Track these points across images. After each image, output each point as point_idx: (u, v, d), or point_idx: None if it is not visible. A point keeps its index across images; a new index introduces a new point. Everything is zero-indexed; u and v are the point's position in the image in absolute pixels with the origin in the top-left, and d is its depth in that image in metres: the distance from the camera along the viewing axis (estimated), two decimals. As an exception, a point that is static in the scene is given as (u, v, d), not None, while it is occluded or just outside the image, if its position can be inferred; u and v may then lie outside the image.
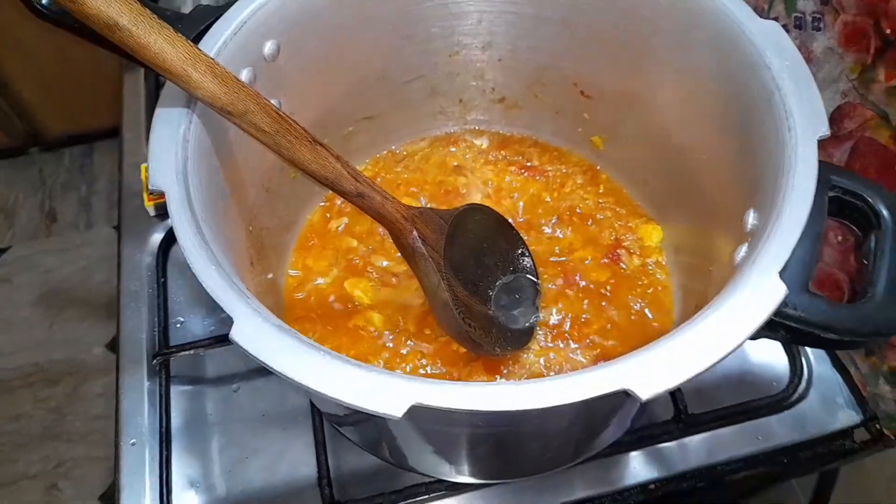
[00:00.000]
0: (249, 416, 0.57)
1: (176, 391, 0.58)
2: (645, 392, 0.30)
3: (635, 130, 0.55)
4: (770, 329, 0.36)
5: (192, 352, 0.58)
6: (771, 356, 0.60)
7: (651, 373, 0.30)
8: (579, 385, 0.30)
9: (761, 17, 0.57)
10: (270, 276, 0.52)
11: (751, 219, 0.39)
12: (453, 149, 0.62)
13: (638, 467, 0.55)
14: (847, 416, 0.57)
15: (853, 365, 0.57)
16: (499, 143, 0.62)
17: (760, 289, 0.32)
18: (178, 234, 0.35)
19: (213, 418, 0.57)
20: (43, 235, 1.59)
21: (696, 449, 0.55)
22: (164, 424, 0.55)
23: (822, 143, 0.56)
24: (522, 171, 0.61)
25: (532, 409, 0.29)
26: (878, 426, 0.55)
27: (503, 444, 0.45)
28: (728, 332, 0.31)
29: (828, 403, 0.57)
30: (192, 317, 0.62)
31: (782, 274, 0.34)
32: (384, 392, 0.30)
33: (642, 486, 0.54)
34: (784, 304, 0.34)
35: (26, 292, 1.47)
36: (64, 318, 1.44)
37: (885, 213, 0.38)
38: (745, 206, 0.40)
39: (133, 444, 0.56)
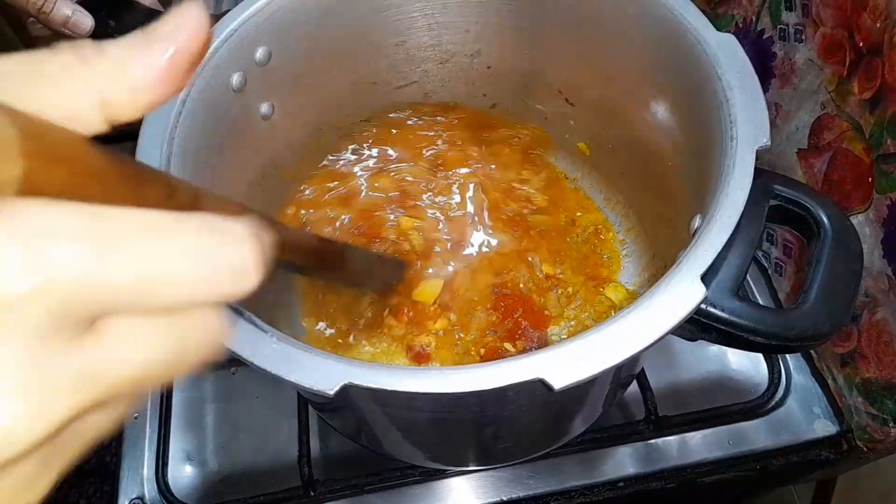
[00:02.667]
0: (244, 398, 0.61)
1: (179, 371, 0.62)
2: (558, 382, 0.32)
3: (616, 137, 0.57)
4: (703, 331, 0.37)
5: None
6: (751, 363, 0.60)
7: (566, 364, 0.32)
8: (496, 373, 0.32)
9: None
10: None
11: (696, 223, 0.40)
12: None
13: (608, 465, 0.56)
14: (823, 426, 0.57)
15: (830, 375, 0.57)
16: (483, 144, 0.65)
17: (680, 290, 0.34)
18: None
19: (211, 398, 0.62)
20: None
21: (667, 450, 0.57)
22: (164, 402, 0.59)
23: (804, 154, 0.57)
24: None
25: (450, 392, 0.32)
26: (852, 438, 0.55)
27: (463, 432, 0.47)
28: (644, 329, 0.33)
29: (805, 412, 0.58)
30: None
31: (709, 277, 0.35)
32: (320, 371, 0.33)
33: (611, 483, 0.56)
34: (712, 305, 0.36)
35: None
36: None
37: (825, 222, 0.38)
38: (694, 211, 0.42)
39: (136, 418, 0.60)
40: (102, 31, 0.54)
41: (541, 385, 0.32)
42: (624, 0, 0.47)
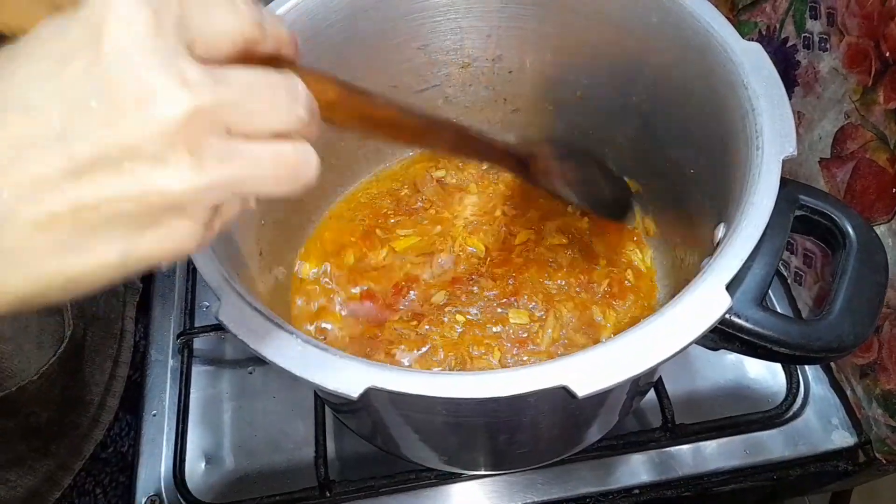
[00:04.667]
0: (261, 397, 0.62)
1: (197, 370, 0.63)
2: (581, 389, 0.32)
3: (635, 143, 0.57)
4: (726, 340, 0.37)
5: (212, 334, 0.63)
6: (769, 372, 0.60)
7: (589, 372, 0.32)
8: (519, 379, 0.32)
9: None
10: (282, 270, 0.56)
11: (720, 233, 0.40)
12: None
13: (623, 472, 0.56)
14: (841, 437, 0.56)
15: (849, 386, 0.57)
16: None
17: (705, 299, 0.34)
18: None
19: (228, 397, 0.62)
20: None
21: (683, 458, 0.56)
22: (182, 399, 0.60)
23: (826, 164, 0.56)
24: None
25: (473, 398, 0.32)
26: (871, 449, 0.55)
27: (481, 436, 0.47)
28: (669, 338, 0.33)
29: (822, 423, 0.57)
30: (217, 302, 0.67)
31: (734, 286, 0.35)
32: (344, 374, 0.33)
33: (626, 491, 0.55)
34: (737, 315, 0.36)
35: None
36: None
37: (851, 233, 0.38)
38: (718, 220, 0.42)
39: (154, 416, 0.61)
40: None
41: (563, 392, 0.32)
42: (648, 7, 0.47)
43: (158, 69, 0.21)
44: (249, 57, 0.24)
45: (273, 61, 0.26)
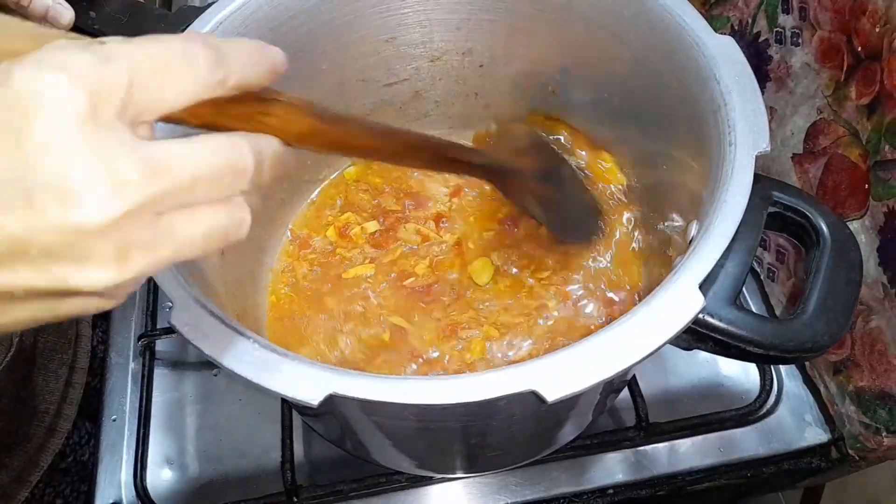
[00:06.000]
0: (226, 401, 0.60)
1: (159, 373, 0.61)
2: (552, 394, 0.31)
3: (612, 135, 0.56)
4: (699, 340, 0.37)
5: (175, 335, 0.60)
6: (742, 370, 0.60)
7: (559, 376, 0.31)
8: (487, 384, 0.31)
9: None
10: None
11: (693, 230, 0.39)
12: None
13: (598, 472, 0.55)
14: (814, 434, 0.56)
15: (822, 383, 0.57)
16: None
17: (678, 299, 0.33)
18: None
19: (192, 400, 0.60)
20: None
21: (657, 457, 0.56)
22: (144, 404, 0.58)
23: (799, 159, 0.56)
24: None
25: (439, 404, 0.31)
26: (843, 446, 0.54)
27: (452, 440, 0.46)
28: (641, 339, 0.32)
29: (796, 420, 0.57)
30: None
31: (707, 285, 0.34)
32: (303, 380, 0.32)
33: (601, 491, 0.55)
34: (710, 315, 0.35)
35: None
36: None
37: (825, 230, 0.38)
38: (692, 217, 0.41)
39: (114, 421, 0.59)
40: (83, 23, 0.52)
41: (533, 397, 0.31)
42: (620, 0, 0.46)
43: (87, 166, 0.19)
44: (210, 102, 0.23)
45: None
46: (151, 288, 0.64)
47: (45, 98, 0.19)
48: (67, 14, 0.50)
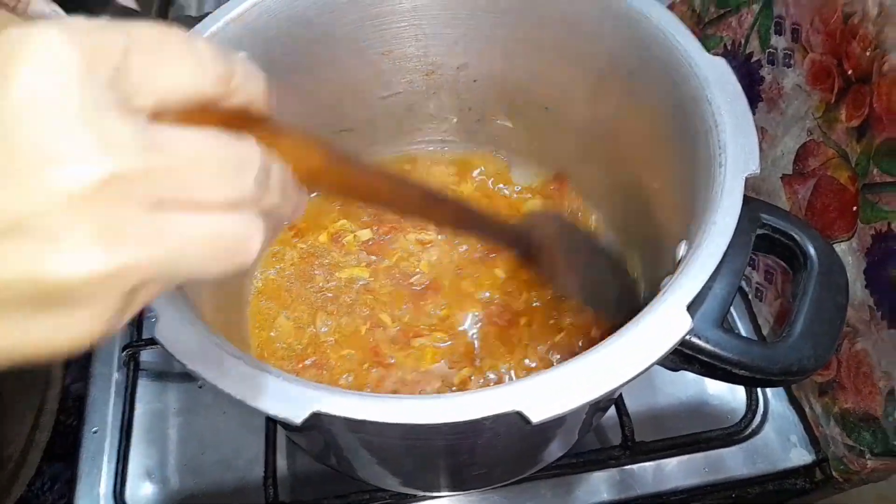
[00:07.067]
0: (210, 413, 0.59)
1: (143, 384, 0.60)
2: (536, 415, 0.30)
3: (601, 156, 0.56)
4: (686, 361, 0.37)
5: (160, 346, 0.60)
6: (729, 389, 0.60)
7: (545, 397, 0.31)
8: (472, 404, 0.31)
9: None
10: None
11: (681, 251, 0.39)
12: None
13: (583, 490, 0.55)
14: (799, 455, 0.56)
15: (808, 404, 0.57)
16: (469, 162, 0.64)
17: (666, 321, 0.33)
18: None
19: (176, 412, 0.59)
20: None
21: (643, 476, 0.55)
22: (126, 415, 0.57)
23: (788, 180, 0.56)
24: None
25: (424, 423, 0.30)
26: (828, 467, 0.54)
27: (437, 458, 0.45)
28: (627, 361, 0.32)
29: (781, 441, 0.57)
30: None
31: (694, 307, 0.34)
32: (288, 398, 0.31)
33: (586, 510, 0.54)
34: (697, 336, 0.35)
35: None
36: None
37: (812, 253, 0.38)
38: (679, 237, 0.41)
39: (95, 433, 0.58)
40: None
41: (518, 417, 0.31)
42: (618, 20, 0.46)
43: (74, 124, 0.17)
44: (209, 112, 0.21)
45: (240, 116, 0.22)
46: (137, 296, 0.64)
47: (36, 46, 0.17)
48: None
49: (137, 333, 0.62)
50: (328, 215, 0.61)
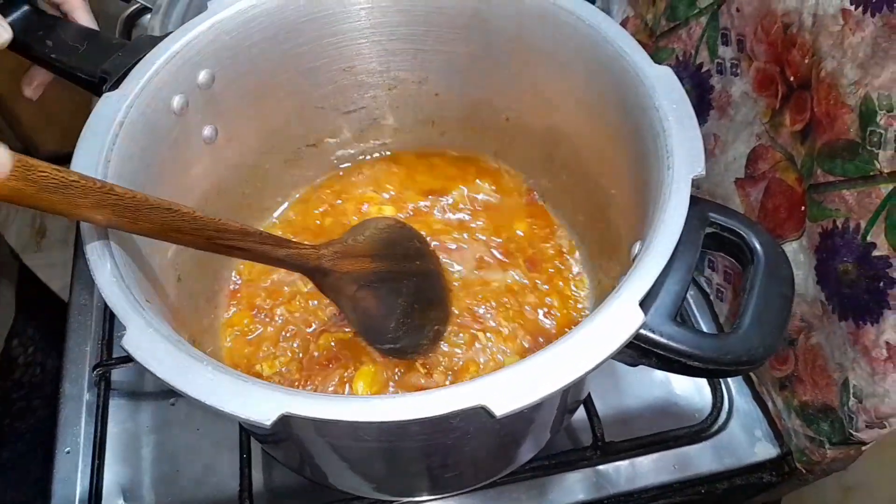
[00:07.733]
0: (184, 430, 0.59)
1: (115, 403, 0.60)
2: (500, 409, 0.31)
3: (562, 165, 0.58)
4: (643, 356, 0.38)
5: (132, 364, 0.60)
6: (695, 388, 0.61)
7: (507, 391, 0.32)
8: (437, 400, 0.32)
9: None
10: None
11: (636, 250, 0.41)
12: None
13: (557, 492, 0.56)
14: (764, 449, 0.58)
15: (770, 398, 0.58)
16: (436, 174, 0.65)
17: (620, 316, 0.34)
18: (85, 246, 0.37)
19: (149, 431, 0.59)
20: (31, 250, 1.62)
21: (615, 476, 0.57)
22: (98, 434, 0.57)
23: (741, 183, 0.59)
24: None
25: (391, 421, 0.31)
26: (792, 460, 0.56)
27: (408, 460, 0.46)
28: (584, 355, 0.33)
29: (747, 435, 0.59)
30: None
31: (648, 302, 0.36)
32: (257, 401, 0.32)
33: (559, 511, 0.55)
34: (651, 331, 0.37)
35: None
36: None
37: (758, 248, 0.40)
38: (635, 237, 0.42)
39: (68, 453, 0.57)
40: (40, 52, 0.52)
41: (484, 412, 0.32)
42: (566, 32, 0.49)
43: None
44: None
45: None
46: (107, 316, 0.64)
47: None
48: (4, 35, 0.48)
49: (107, 353, 0.62)
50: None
